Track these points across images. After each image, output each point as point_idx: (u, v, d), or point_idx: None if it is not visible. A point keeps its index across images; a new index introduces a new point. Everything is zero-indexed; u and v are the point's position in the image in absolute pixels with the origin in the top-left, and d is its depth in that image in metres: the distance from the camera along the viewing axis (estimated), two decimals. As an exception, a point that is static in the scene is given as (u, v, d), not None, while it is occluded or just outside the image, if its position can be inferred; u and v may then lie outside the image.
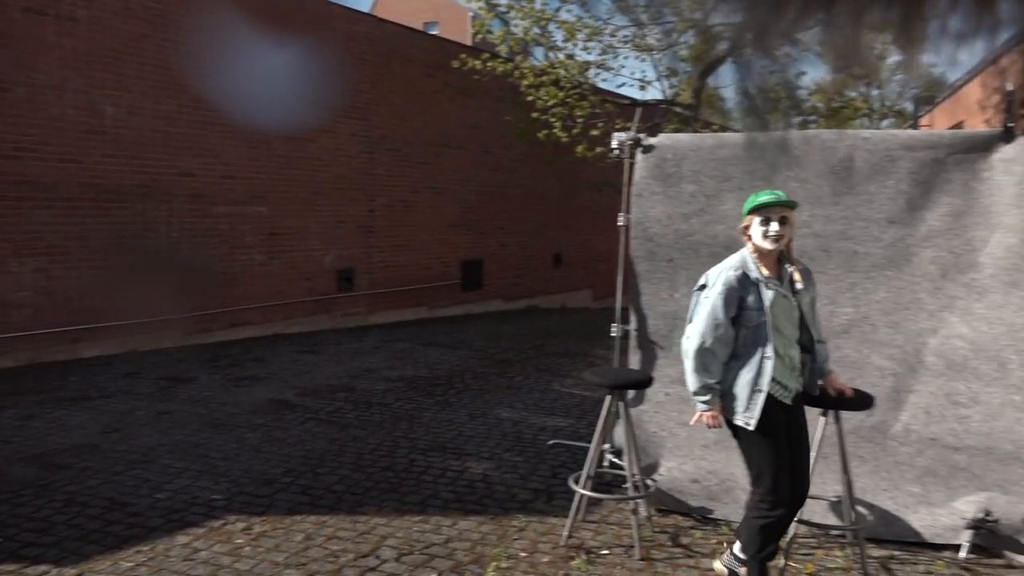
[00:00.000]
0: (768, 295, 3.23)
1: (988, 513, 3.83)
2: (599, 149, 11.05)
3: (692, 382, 3.25)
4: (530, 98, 11.46)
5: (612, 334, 4.88)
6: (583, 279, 17.12)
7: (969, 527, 3.83)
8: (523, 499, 4.68)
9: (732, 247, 4.30)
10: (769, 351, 3.19)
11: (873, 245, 4.36)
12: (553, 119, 11.54)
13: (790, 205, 3.25)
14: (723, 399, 3.25)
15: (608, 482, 4.75)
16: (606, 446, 4.53)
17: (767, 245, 3.26)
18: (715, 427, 3.28)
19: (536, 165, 14.64)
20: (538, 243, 15.75)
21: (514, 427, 6.18)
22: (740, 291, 3.23)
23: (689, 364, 3.24)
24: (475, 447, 5.65)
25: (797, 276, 3.31)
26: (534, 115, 11.50)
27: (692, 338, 3.23)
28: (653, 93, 12.54)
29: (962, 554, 3.85)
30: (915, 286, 4.31)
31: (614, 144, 4.88)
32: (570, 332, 11.57)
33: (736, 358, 3.24)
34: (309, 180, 10.92)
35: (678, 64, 11.34)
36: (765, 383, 3.19)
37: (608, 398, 4.22)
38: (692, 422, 3.40)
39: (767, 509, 3.22)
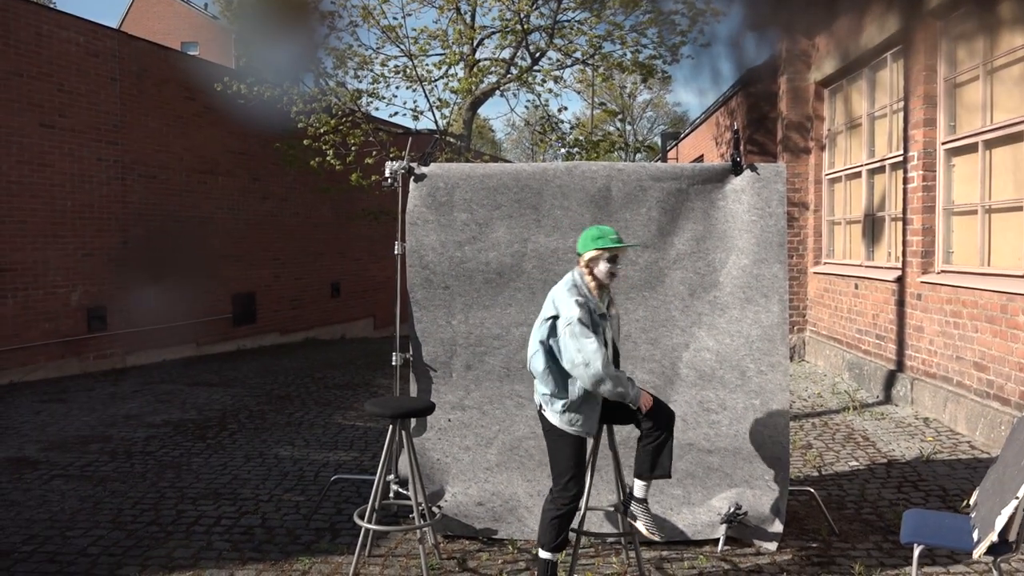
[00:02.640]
0: (598, 317, 3.56)
1: (739, 507, 4.21)
2: (374, 177, 10.97)
3: (619, 390, 3.53)
4: (301, 125, 11.16)
5: (393, 363, 4.81)
6: (363, 308, 16.95)
7: (723, 521, 4.18)
8: (306, 540, 4.51)
9: (505, 273, 4.59)
10: None
11: (631, 268, 4.56)
12: (326, 146, 11.26)
13: (629, 245, 3.83)
14: (559, 405, 3.64)
15: (395, 513, 4.67)
16: (391, 477, 4.52)
17: (607, 280, 3.63)
18: (649, 407, 3.60)
19: (310, 193, 14.36)
20: (315, 273, 15.41)
21: (294, 465, 5.94)
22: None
23: (607, 384, 3.52)
24: (252, 490, 5.32)
25: (610, 307, 3.72)
26: (306, 142, 11.26)
27: (591, 362, 3.46)
28: (425, 123, 12.43)
29: (720, 547, 4.19)
30: (668, 305, 4.61)
31: (387, 173, 4.85)
32: (351, 363, 11.36)
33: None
34: (47, 209, 9.76)
35: (448, 96, 11.48)
36: (601, 396, 3.43)
37: (391, 428, 4.17)
38: (644, 410, 3.77)
39: (565, 503, 3.57)
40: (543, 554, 3.56)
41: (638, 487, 3.67)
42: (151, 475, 5.59)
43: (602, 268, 3.58)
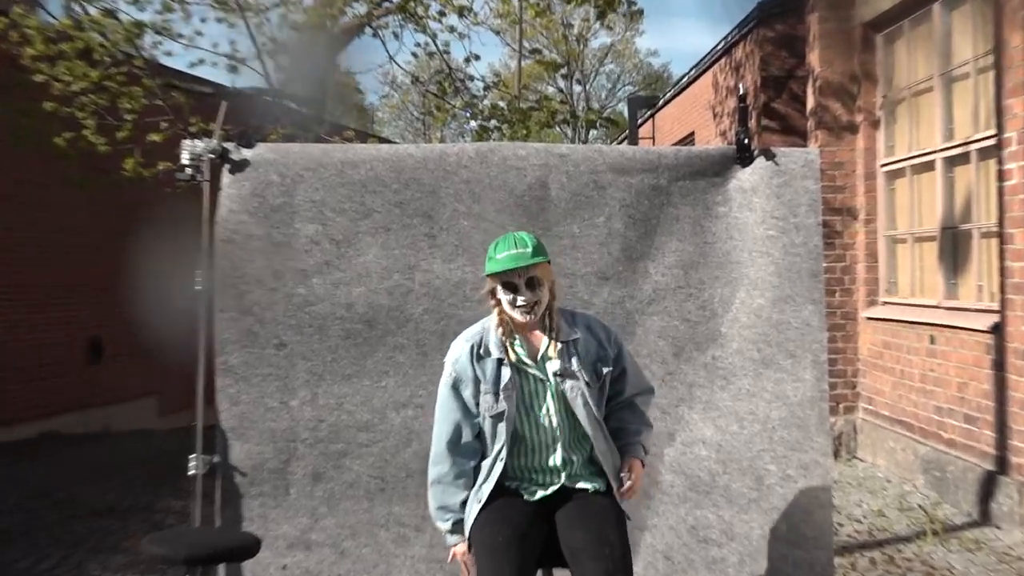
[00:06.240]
0: (506, 375, 3.08)
1: None
2: (163, 166, 8.41)
3: (433, 509, 3.19)
4: (40, 78, 8.45)
5: (191, 471, 3.96)
6: (141, 381, 12.64)
7: None
8: None
9: (378, 322, 3.95)
10: (501, 449, 3.11)
11: (580, 311, 3.82)
12: (83, 114, 8.49)
13: (536, 262, 3.06)
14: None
15: None
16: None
17: (519, 318, 3.06)
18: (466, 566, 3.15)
19: (56, 189, 10.59)
20: (60, 321, 11.52)
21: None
22: (473, 371, 3.12)
23: (430, 494, 3.18)
24: None
25: (553, 352, 3.13)
26: (48, 106, 8.42)
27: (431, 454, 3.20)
28: (250, 78, 8.69)
29: None
30: (640, 371, 3.83)
31: (185, 158, 4.01)
32: (120, 474, 8.93)
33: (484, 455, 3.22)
34: None
35: (288, 34, 8.77)
36: (486, 491, 3.09)
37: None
38: (449, 560, 3.24)
39: None
40: None
41: None
42: None
43: (505, 303, 3.05)
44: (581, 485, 3.13)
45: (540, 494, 3.10)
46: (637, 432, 3.25)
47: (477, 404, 3.11)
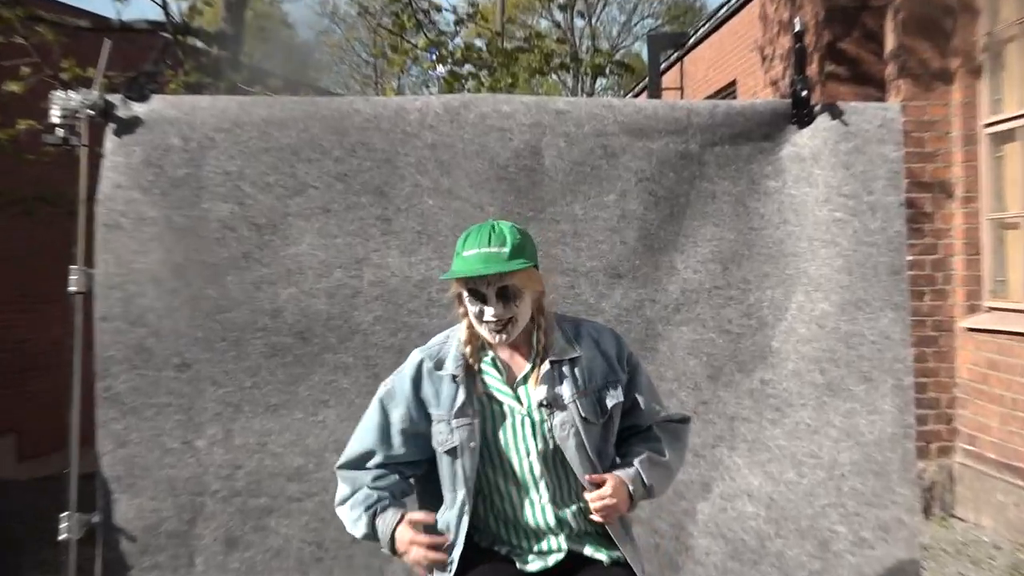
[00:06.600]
0: (460, 398, 2.55)
1: None
2: (24, 125, 7.41)
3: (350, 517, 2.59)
4: None
5: (62, 536, 3.30)
6: None
7: None
8: None
9: (312, 334, 3.26)
10: (464, 501, 2.67)
11: (587, 319, 3.24)
12: None
13: (514, 268, 2.52)
14: None
15: None
16: None
17: (487, 335, 2.59)
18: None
19: None
20: None
21: None
22: (414, 390, 2.63)
23: (344, 504, 2.67)
24: None
25: (534, 383, 2.60)
26: None
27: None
28: (140, 8, 8.15)
29: None
30: (665, 398, 3.37)
31: (55, 115, 3.30)
32: None
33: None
34: None
35: None
36: (456, 554, 2.57)
37: None
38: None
39: None
40: None
41: None
42: None
43: (471, 313, 2.57)
44: (590, 552, 2.71)
45: (538, 565, 2.67)
46: (639, 453, 2.71)
47: (413, 434, 2.67)
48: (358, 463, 2.73)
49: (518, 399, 2.65)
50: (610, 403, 2.60)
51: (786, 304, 3.47)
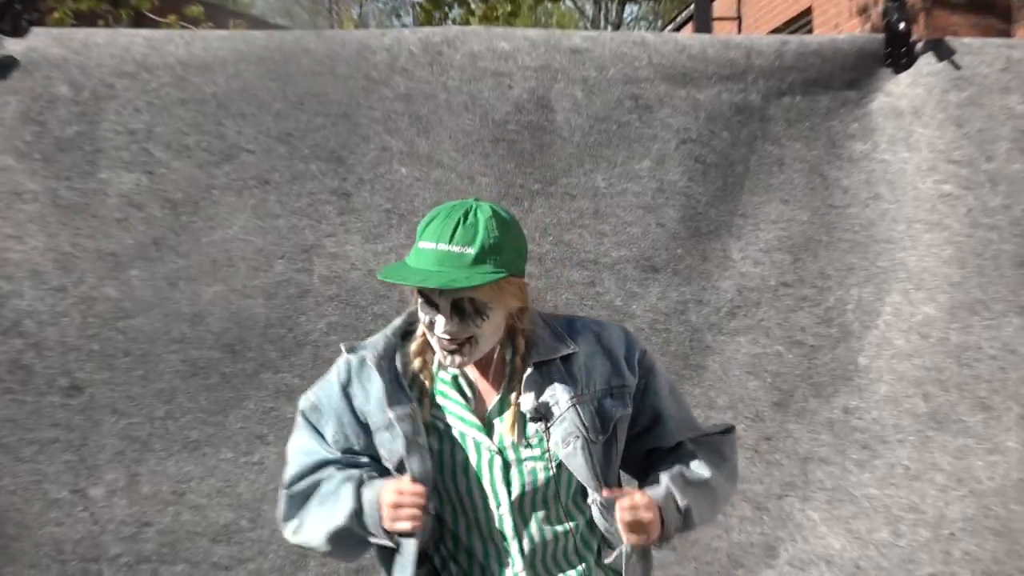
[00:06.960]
0: (403, 429, 1.89)
1: None
2: None
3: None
4: None
5: None
6: None
7: None
8: None
9: (251, 345, 2.83)
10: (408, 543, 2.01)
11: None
12: None
13: (476, 283, 1.83)
14: None
15: None
16: None
17: (438, 353, 1.97)
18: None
19: None
20: None
21: None
22: (346, 400, 1.98)
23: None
24: None
25: (511, 418, 1.93)
26: None
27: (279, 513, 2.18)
28: None
29: None
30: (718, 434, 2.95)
31: None
32: None
33: None
34: None
35: None
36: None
37: None
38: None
39: None
40: None
41: None
42: None
43: (423, 323, 1.97)
44: None
45: None
46: (668, 468, 2.00)
47: (357, 454, 2.13)
48: (310, 471, 2.12)
49: (488, 432, 2.00)
50: (613, 415, 1.90)
51: (877, 307, 3.07)
